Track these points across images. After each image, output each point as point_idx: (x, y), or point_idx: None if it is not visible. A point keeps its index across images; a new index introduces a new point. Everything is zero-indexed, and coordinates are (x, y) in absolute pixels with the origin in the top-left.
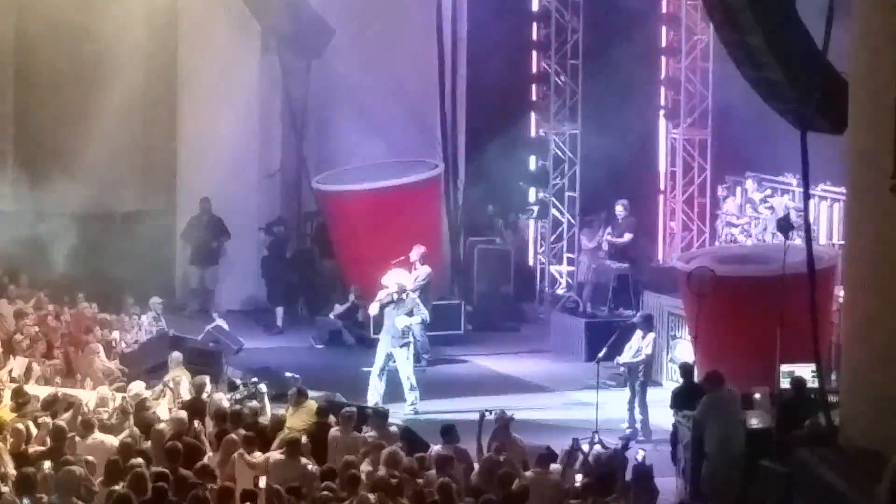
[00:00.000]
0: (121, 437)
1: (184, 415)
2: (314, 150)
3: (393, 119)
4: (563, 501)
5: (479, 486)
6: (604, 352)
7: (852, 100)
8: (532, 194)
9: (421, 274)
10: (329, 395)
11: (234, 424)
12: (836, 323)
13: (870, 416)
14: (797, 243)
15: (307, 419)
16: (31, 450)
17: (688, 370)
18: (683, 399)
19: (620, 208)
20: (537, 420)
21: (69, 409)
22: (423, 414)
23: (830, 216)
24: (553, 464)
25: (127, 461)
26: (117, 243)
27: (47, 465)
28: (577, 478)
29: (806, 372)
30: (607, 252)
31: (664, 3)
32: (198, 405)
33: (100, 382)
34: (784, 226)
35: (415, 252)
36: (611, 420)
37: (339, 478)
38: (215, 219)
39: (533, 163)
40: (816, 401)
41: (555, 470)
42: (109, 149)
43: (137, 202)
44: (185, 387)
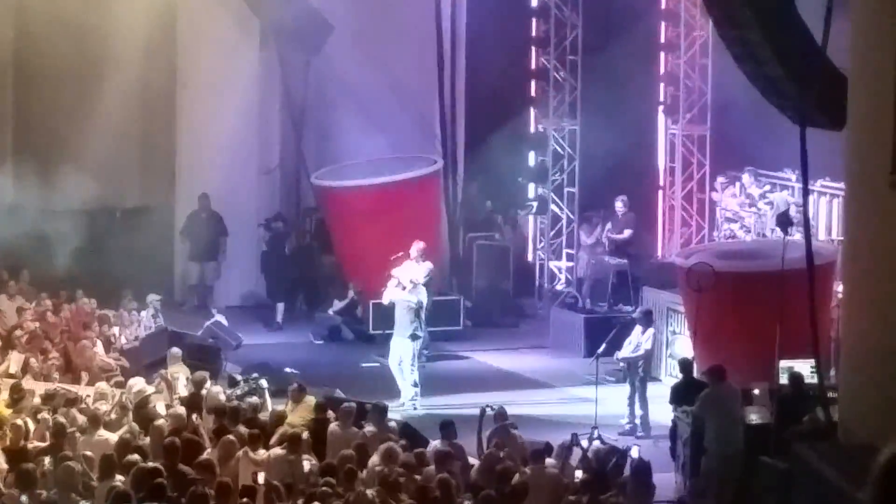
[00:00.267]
0: (119, 433)
1: (183, 411)
2: (313, 146)
3: (392, 115)
4: (562, 497)
5: (479, 482)
6: (603, 348)
7: (851, 95)
8: (531, 190)
9: (424, 270)
10: (328, 391)
11: (233, 420)
12: (835, 318)
13: (869, 411)
14: (796, 239)
15: (307, 415)
16: (30, 446)
17: (687, 366)
18: (683, 394)
19: (620, 204)
20: (536, 416)
21: (68, 404)
22: (422, 409)
23: (830, 212)
24: (549, 458)
25: (123, 457)
26: (117, 239)
27: (47, 462)
28: (577, 473)
29: (805, 367)
30: (607, 248)
31: None
32: (197, 401)
33: (98, 378)
34: (783, 221)
35: (415, 248)
36: (610, 416)
37: (337, 473)
38: (214, 215)
39: (532, 159)
40: (815, 396)
41: (552, 465)
42: (109, 145)
43: (137, 198)
44: (182, 382)
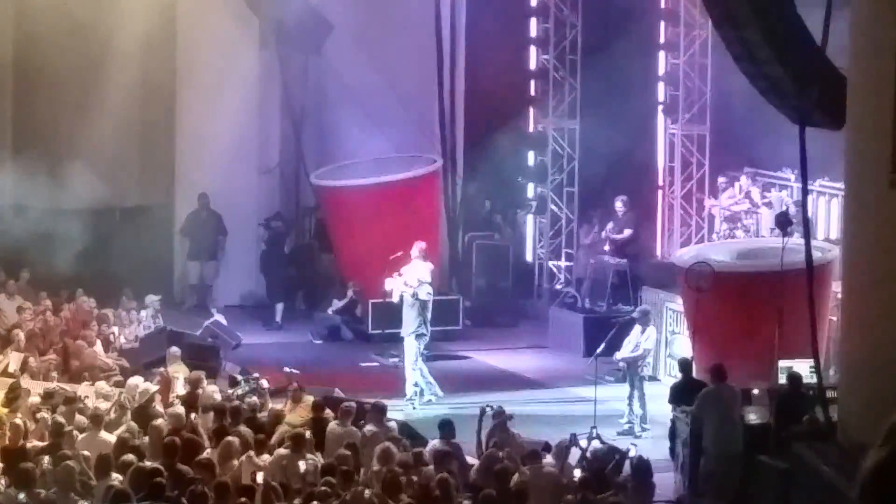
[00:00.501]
0: (118, 433)
1: (182, 410)
2: (313, 145)
3: (392, 114)
4: (561, 496)
5: (479, 482)
6: (602, 347)
7: (851, 95)
8: (530, 189)
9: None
10: (327, 391)
11: (235, 421)
12: (834, 318)
13: (868, 411)
14: (796, 239)
15: (305, 414)
16: (29, 445)
17: (686, 365)
18: (682, 394)
19: (620, 204)
20: (535, 415)
21: (67, 403)
22: (420, 409)
23: (829, 212)
24: (548, 457)
25: (120, 456)
26: (116, 239)
27: (46, 461)
28: (576, 473)
29: (804, 368)
30: (608, 248)
31: None
32: (193, 400)
33: (97, 378)
34: (783, 221)
35: (416, 248)
36: (609, 415)
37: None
38: (214, 214)
39: (531, 158)
40: (813, 396)
41: (550, 464)
42: (109, 144)
43: (136, 197)
44: (180, 382)
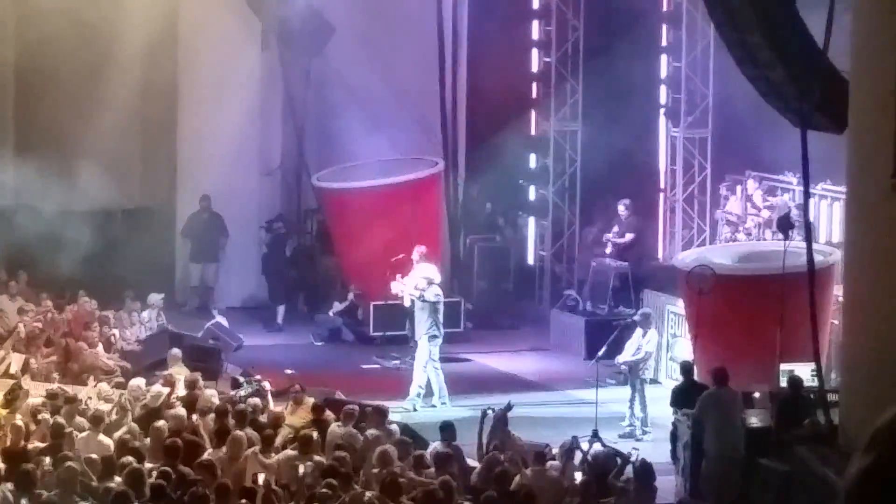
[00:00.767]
0: (118, 434)
1: (183, 412)
2: (314, 148)
3: (393, 116)
4: (562, 499)
5: (480, 485)
6: (603, 350)
7: (852, 98)
8: (532, 192)
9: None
10: (329, 393)
11: (240, 422)
12: (835, 322)
13: (869, 415)
14: (797, 242)
15: (306, 416)
16: (30, 446)
17: (688, 368)
18: (683, 397)
19: (622, 208)
20: (537, 418)
21: (68, 404)
22: (422, 411)
23: (830, 215)
24: (552, 461)
25: (121, 458)
26: (118, 240)
27: (47, 462)
28: (577, 475)
29: (805, 371)
30: (610, 251)
31: (665, 2)
32: (192, 401)
33: (98, 379)
34: (784, 224)
35: (415, 252)
36: (610, 418)
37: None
38: (216, 216)
39: (533, 160)
40: (814, 399)
41: (553, 467)
42: (110, 146)
43: (138, 199)
44: (180, 383)
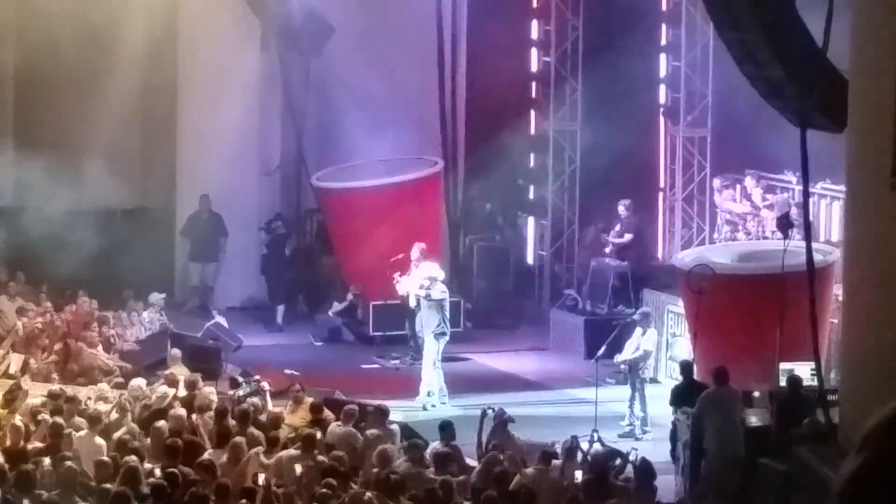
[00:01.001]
0: (118, 435)
1: (183, 412)
2: (314, 147)
3: (393, 116)
4: (562, 499)
5: (479, 485)
6: (603, 350)
7: (852, 98)
8: (532, 191)
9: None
10: (329, 393)
11: (243, 423)
12: (835, 321)
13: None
14: (797, 241)
15: (306, 416)
16: (29, 447)
17: (687, 368)
18: (683, 396)
19: (623, 208)
20: (536, 417)
21: (67, 404)
22: (422, 412)
23: (830, 214)
24: (555, 460)
25: (121, 458)
26: (117, 240)
27: (46, 462)
28: (577, 475)
29: (805, 370)
30: (610, 251)
31: (664, 1)
32: (192, 402)
33: (98, 379)
34: (784, 224)
35: (415, 250)
36: (610, 417)
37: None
38: (215, 216)
39: (533, 160)
40: (814, 399)
41: (555, 466)
42: (109, 146)
43: (138, 199)
44: (180, 384)
